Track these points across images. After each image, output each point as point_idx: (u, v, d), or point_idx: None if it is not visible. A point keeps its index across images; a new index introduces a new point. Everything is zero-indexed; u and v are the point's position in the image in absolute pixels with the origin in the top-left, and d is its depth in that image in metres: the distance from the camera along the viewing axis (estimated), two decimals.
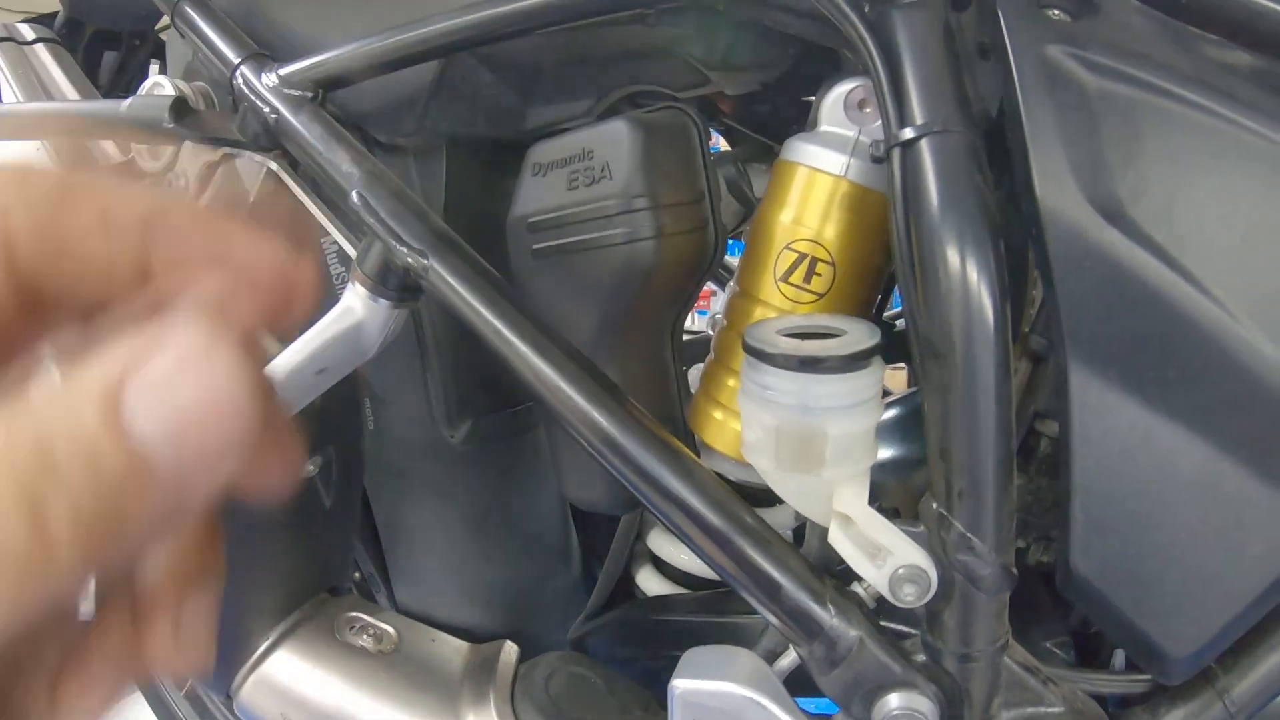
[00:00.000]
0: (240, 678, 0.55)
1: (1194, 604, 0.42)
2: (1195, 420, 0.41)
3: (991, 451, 0.40)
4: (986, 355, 0.39)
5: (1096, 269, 0.40)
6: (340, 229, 0.53)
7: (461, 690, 0.55)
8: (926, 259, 0.40)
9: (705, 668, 0.44)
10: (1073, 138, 0.40)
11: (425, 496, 0.60)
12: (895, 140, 0.41)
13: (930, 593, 0.42)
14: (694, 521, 0.43)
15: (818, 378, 0.41)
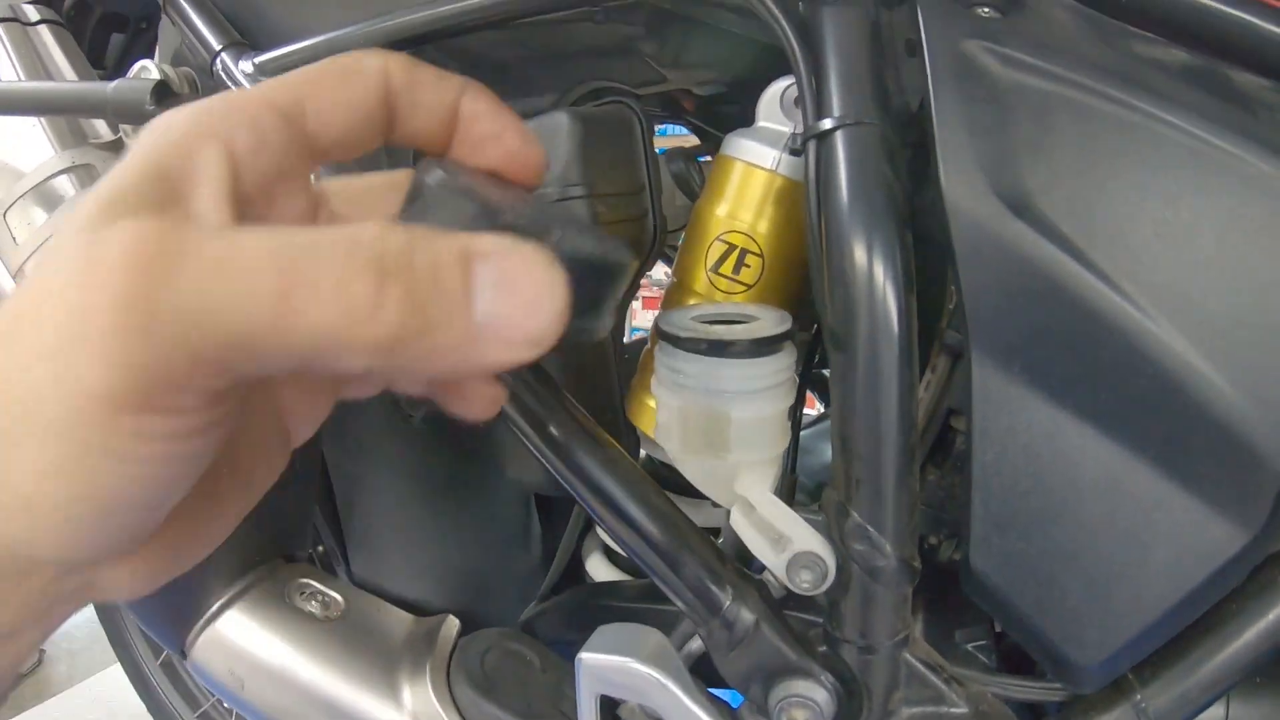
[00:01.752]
0: (193, 635, 0.58)
1: (1099, 610, 0.42)
2: (1101, 418, 0.40)
3: (892, 443, 0.40)
4: (889, 346, 0.40)
5: (1001, 261, 0.40)
6: None
7: (401, 659, 0.57)
8: (834, 249, 0.41)
9: (612, 643, 0.45)
10: (982, 130, 0.40)
11: (383, 473, 0.62)
12: (812, 132, 0.42)
13: (827, 580, 0.42)
14: (601, 499, 0.44)
15: (723, 361, 0.42)
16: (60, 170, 0.63)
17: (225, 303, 0.20)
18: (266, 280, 0.21)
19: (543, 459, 0.45)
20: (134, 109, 0.55)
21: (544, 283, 0.24)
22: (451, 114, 0.30)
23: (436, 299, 0.22)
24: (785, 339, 0.43)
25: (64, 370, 0.20)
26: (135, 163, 0.24)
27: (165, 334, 0.20)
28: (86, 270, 0.21)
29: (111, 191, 0.23)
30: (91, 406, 0.20)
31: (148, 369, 0.20)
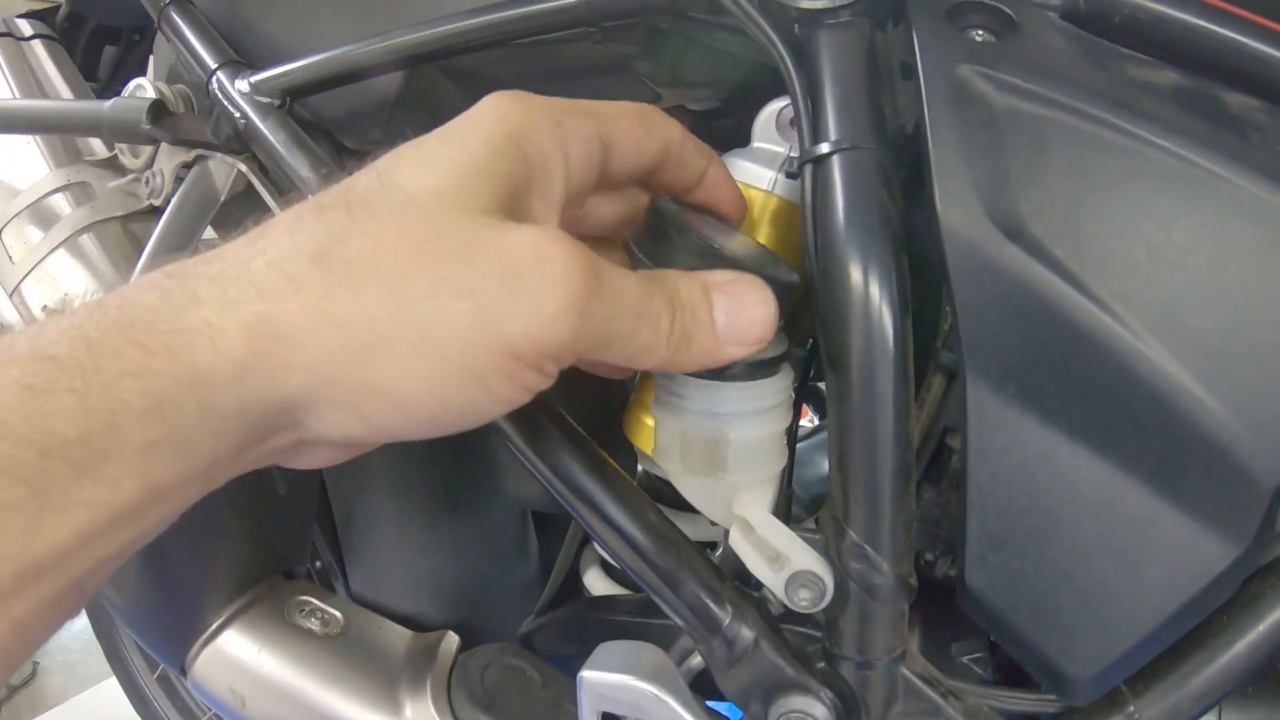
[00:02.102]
0: (194, 652, 0.58)
1: (1093, 625, 0.43)
2: (1095, 437, 0.41)
3: (888, 463, 0.41)
4: (885, 368, 0.40)
5: (995, 284, 0.41)
6: None
7: (401, 676, 0.57)
8: (830, 272, 0.41)
9: (614, 660, 0.45)
10: (976, 155, 0.41)
11: (381, 489, 0.62)
12: (808, 156, 0.42)
13: (825, 599, 0.43)
14: (599, 517, 0.44)
15: (722, 384, 0.42)
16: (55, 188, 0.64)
17: (611, 318, 0.30)
18: (633, 310, 0.31)
19: (541, 478, 0.46)
20: (129, 128, 0.55)
21: (760, 302, 0.35)
22: (702, 175, 0.40)
23: (693, 323, 0.33)
24: (783, 360, 0.43)
25: (484, 315, 0.27)
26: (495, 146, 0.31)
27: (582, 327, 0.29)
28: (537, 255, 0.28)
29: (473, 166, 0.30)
30: (497, 346, 0.27)
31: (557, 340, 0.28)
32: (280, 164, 0.54)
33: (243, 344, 0.27)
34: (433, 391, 0.28)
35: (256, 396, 0.27)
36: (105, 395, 0.26)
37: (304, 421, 0.29)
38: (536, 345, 0.28)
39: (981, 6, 0.44)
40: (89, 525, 0.26)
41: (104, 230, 0.60)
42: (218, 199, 0.57)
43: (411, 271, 0.28)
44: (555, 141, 0.33)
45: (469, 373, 0.28)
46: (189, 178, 0.57)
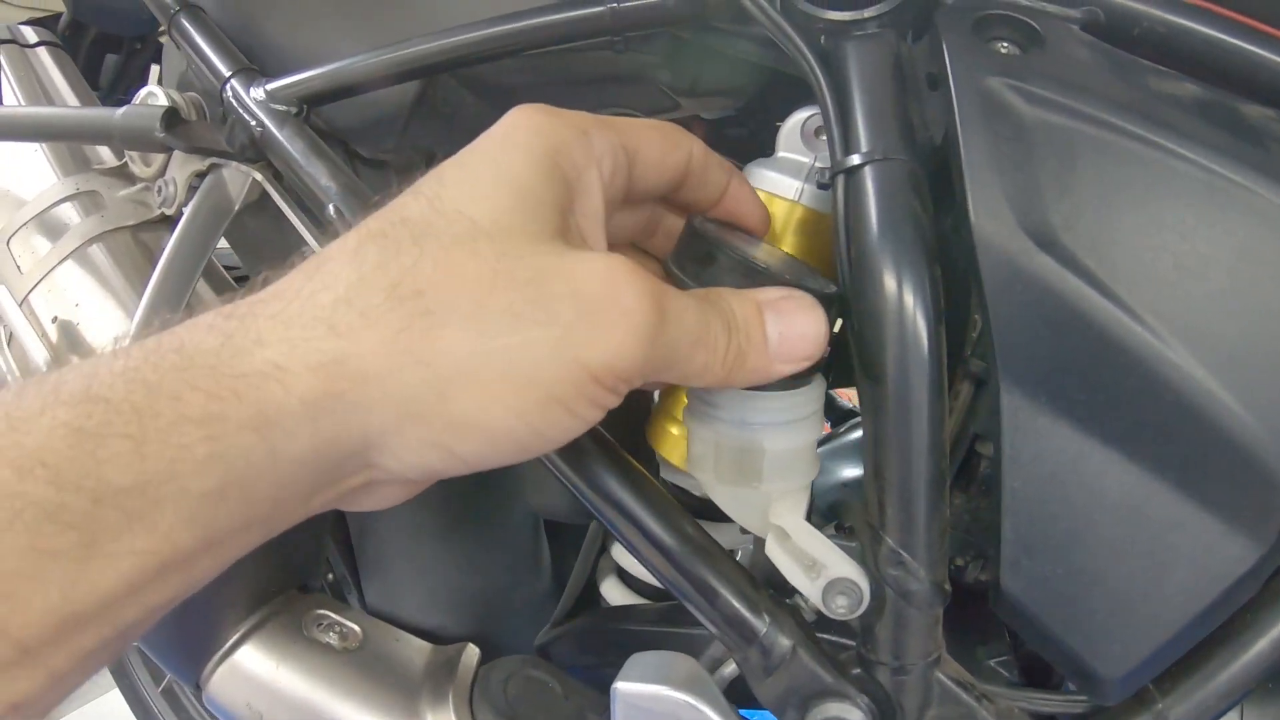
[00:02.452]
0: (210, 668, 0.57)
1: (1124, 625, 0.44)
2: (1124, 443, 0.42)
3: (923, 470, 0.42)
4: (919, 377, 0.41)
5: (1028, 294, 0.42)
6: (319, 239, 0.55)
7: (421, 689, 0.57)
8: (864, 283, 0.42)
9: (647, 671, 0.46)
10: (1008, 167, 0.42)
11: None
12: (840, 167, 0.43)
13: (863, 605, 0.43)
14: (635, 528, 0.45)
15: (756, 394, 0.43)
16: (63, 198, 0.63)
17: (675, 344, 0.31)
18: (693, 335, 0.32)
19: (573, 488, 0.46)
20: (142, 136, 0.55)
21: (811, 321, 0.36)
22: (724, 191, 0.41)
23: (748, 343, 0.34)
24: (814, 371, 0.44)
25: (565, 343, 0.28)
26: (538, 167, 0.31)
27: (651, 353, 0.30)
28: (608, 284, 0.29)
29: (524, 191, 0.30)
30: (578, 372, 0.28)
31: (631, 366, 0.29)
32: (298, 172, 0.53)
33: (315, 385, 0.26)
34: (522, 419, 0.28)
35: (330, 439, 0.27)
36: (163, 442, 0.25)
37: (379, 461, 0.29)
38: (614, 371, 0.29)
39: (1008, 19, 0.45)
40: (138, 574, 0.25)
41: (114, 240, 0.60)
42: (232, 208, 0.57)
43: (490, 303, 0.28)
44: (588, 156, 0.34)
45: (555, 399, 0.28)
46: (203, 187, 0.56)
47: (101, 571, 0.24)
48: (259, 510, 0.27)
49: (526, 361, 0.28)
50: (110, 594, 0.25)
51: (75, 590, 0.24)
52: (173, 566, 0.26)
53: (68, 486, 0.24)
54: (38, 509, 0.24)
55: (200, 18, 0.59)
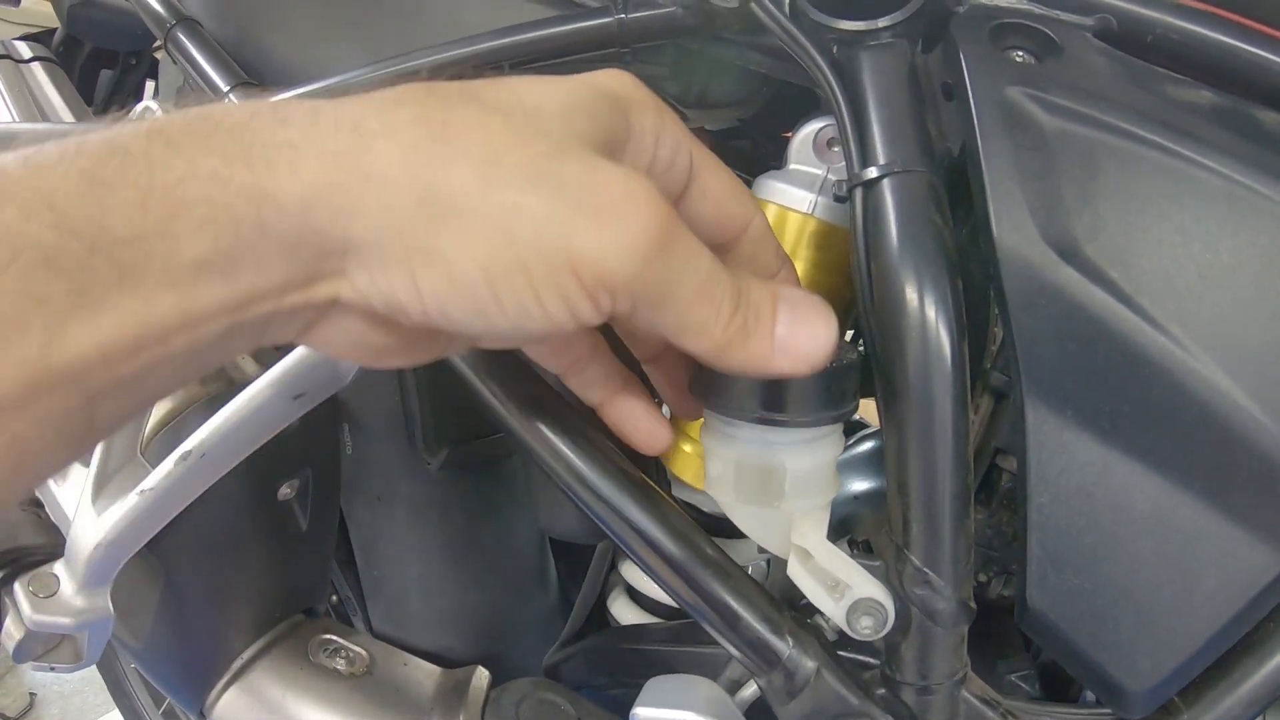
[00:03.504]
0: (214, 696, 0.56)
1: (1151, 638, 0.43)
2: (1150, 456, 0.41)
3: (948, 487, 0.41)
4: (943, 392, 0.40)
5: (1052, 306, 0.41)
6: None
7: (432, 714, 0.56)
8: (885, 297, 0.41)
9: (666, 696, 0.45)
10: (1030, 178, 0.41)
11: (402, 522, 0.61)
12: (857, 180, 0.42)
13: (887, 626, 0.42)
14: (656, 552, 0.44)
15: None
16: None
17: (676, 278, 0.30)
18: (698, 282, 0.31)
19: (589, 511, 0.45)
20: None
21: (823, 327, 0.34)
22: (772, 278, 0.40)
23: (755, 323, 0.33)
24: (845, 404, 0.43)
25: (559, 223, 0.27)
26: (604, 97, 0.32)
27: (644, 272, 0.28)
28: (627, 191, 0.28)
29: (581, 105, 0.31)
30: (559, 257, 0.27)
31: (617, 274, 0.28)
32: None
33: (319, 171, 0.27)
34: (486, 275, 0.28)
35: (317, 230, 0.27)
36: (168, 198, 0.25)
37: (351, 273, 0.28)
38: (597, 270, 0.28)
39: (1023, 28, 0.44)
40: (116, 337, 0.25)
41: None
42: None
43: (508, 159, 0.28)
44: (655, 124, 0.34)
45: (525, 272, 0.28)
46: None
47: (82, 326, 0.25)
48: (235, 294, 0.27)
49: (514, 222, 0.27)
50: (86, 355, 0.25)
51: (54, 345, 0.24)
52: (148, 339, 0.26)
53: (69, 232, 0.24)
54: (37, 252, 0.24)
55: (197, 31, 0.58)
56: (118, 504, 0.51)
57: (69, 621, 0.53)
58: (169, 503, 0.51)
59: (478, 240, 0.27)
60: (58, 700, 1.55)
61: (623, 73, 0.34)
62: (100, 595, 0.53)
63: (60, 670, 0.56)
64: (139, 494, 0.51)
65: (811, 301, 0.35)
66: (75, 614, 0.53)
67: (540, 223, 0.27)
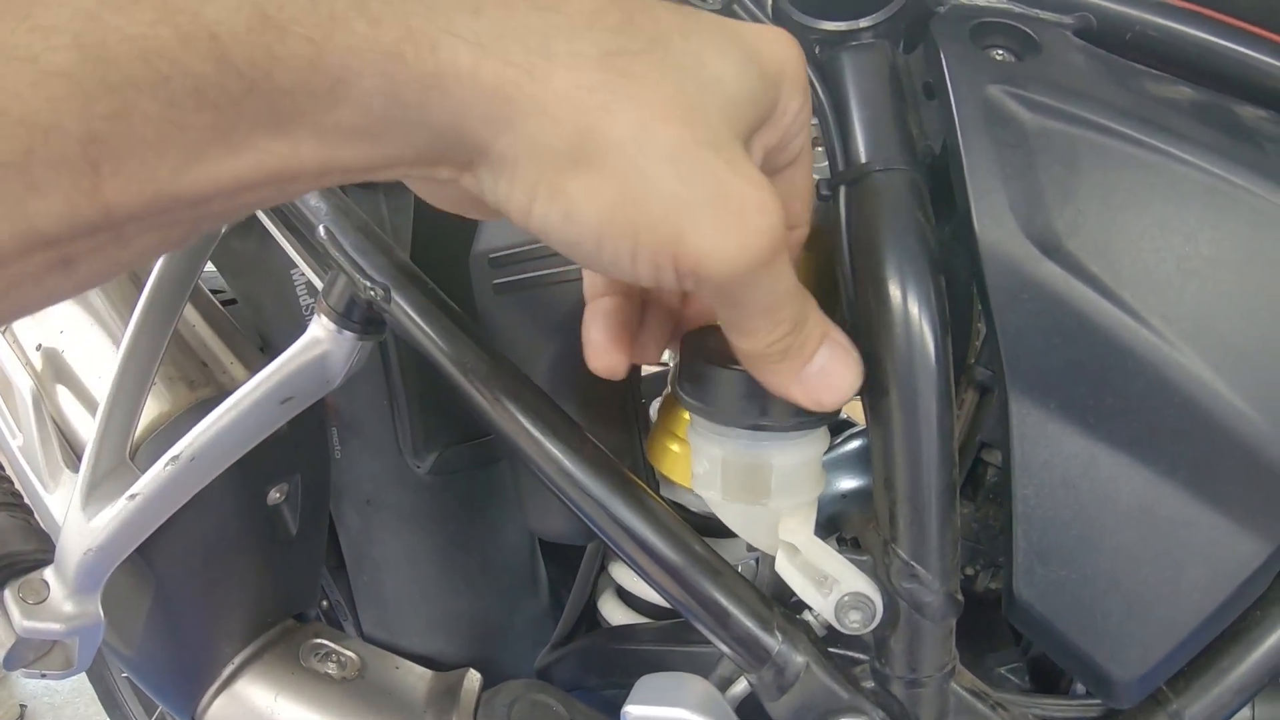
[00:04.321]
0: (205, 702, 0.56)
1: (1138, 628, 0.43)
2: (1134, 447, 0.42)
3: (934, 482, 0.41)
4: (927, 388, 0.40)
5: (1034, 301, 0.41)
6: (308, 261, 0.54)
7: (424, 718, 0.55)
8: (869, 293, 0.41)
9: (657, 694, 0.45)
10: (1011, 174, 0.42)
11: (391, 526, 0.61)
12: (841, 179, 0.42)
13: (876, 619, 0.42)
14: (644, 551, 0.44)
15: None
16: None
17: (757, 289, 0.31)
18: (772, 300, 0.32)
19: (578, 511, 0.45)
20: None
21: (849, 380, 0.36)
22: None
23: (795, 350, 0.34)
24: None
25: (685, 209, 0.28)
26: (770, 82, 0.32)
27: (735, 278, 0.29)
28: (758, 202, 0.29)
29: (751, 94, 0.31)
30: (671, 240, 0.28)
31: (714, 273, 0.29)
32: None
33: (496, 80, 0.26)
34: (599, 226, 0.28)
35: (470, 128, 0.27)
36: (343, 61, 0.24)
37: (478, 170, 0.29)
38: (700, 261, 0.29)
39: (1003, 27, 0.45)
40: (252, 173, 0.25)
41: None
42: (218, 231, 0.55)
43: (665, 131, 0.28)
44: (798, 109, 0.34)
45: (635, 236, 0.28)
46: None
47: (220, 160, 0.24)
48: (377, 158, 0.27)
49: (646, 192, 0.28)
50: (218, 187, 0.24)
51: (186, 171, 0.24)
52: (281, 178, 0.26)
53: (230, 68, 0.23)
54: (188, 80, 0.23)
55: None
56: (107, 509, 0.51)
57: (59, 627, 0.53)
58: (158, 507, 0.51)
59: (607, 194, 0.28)
60: (49, 711, 1.54)
61: (792, 42, 0.34)
62: (90, 601, 0.53)
63: (52, 677, 0.56)
64: (128, 499, 0.51)
65: (850, 353, 0.37)
66: (66, 620, 0.53)
67: (668, 200, 0.28)
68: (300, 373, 0.50)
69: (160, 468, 0.50)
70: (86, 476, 0.52)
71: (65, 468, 0.56)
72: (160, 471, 0.50)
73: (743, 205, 0.29)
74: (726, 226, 0.29)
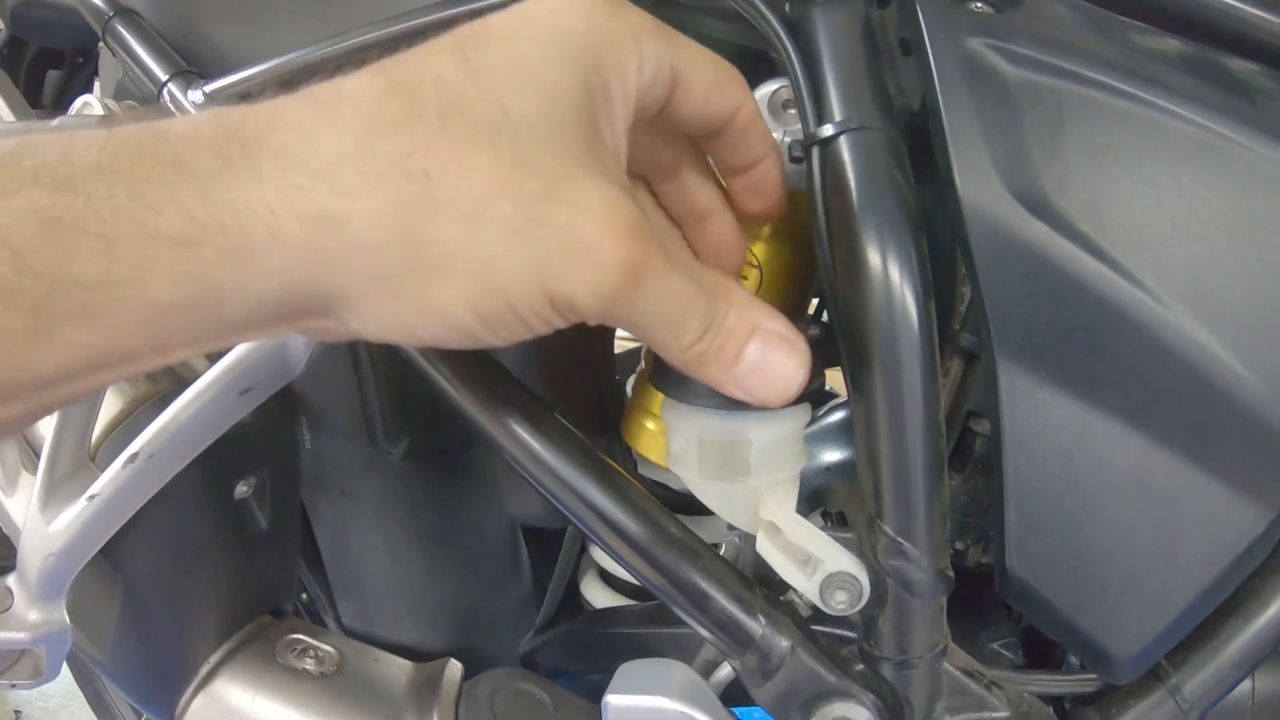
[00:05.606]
0: (183, 704, 0.52)
1: (1136, 601, 0.40)
2: (1129, 413, 0.38)
3: (919, 454, 0.38)
4: (911, 355, 0.37)
5: (1021, 262, 0.38)
6: None
7: (405, 710, 0.52)
8: (846, 258, 0.37)
9: (638, 682, 0.41)
10: (994, 131, 0.38)
11: (367, 515, 0.57)
12: (814, 139, 0.38)
13: (863, 599, 0.39)
14: (617, 533, 0.40)
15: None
16: None
17: (642, 313, 0.29)
18: (665, 317, 0.30)
19: (551, 496, 0.41)
20: None
21: (791, 373, 0.33)
22: (755, 164, 0.37)
23: (718, 352, 0.32)
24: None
25: (542, 268, 0.27)
26: (582, 66, 0.29)
27: (610, 309, 0.28)
28: (601, 230, 0.27)
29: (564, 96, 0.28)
30: (540, 295, 0.27)
31: (587, 311, 0.28)
32: None
33: (302, 236, 0.25)
34: (481, 318, 0.28)
35: (303, 287, 0.26)
36: (137, 252, 0.24)
37: (343, 316, 0.28)
38: (571, 306, 0.28)
39: None
40: (81, 364, 0.24)
41: None
42: None
43: (492, 209, 0.26)
44: (632, 62, 0.31)
45: (514, 309, 0.28)
46: None
47: (43, 357, 0.24)
48: (216, 328, 0.26)
49: (502, 273, 0.27)
50: (48, 378, 0.24)
51: (12, 369, 0.23)
52: (116, 360, 0.25)
53: (28, 271, 0.23)
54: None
55: (135, 22, 0.54)
56: (66, 512, 0.47)
57: (24, 636, 0.49)
58: (119, 508, 0.47)
59: (467, 290, 0.27)
60: (44, 716, 1.50)
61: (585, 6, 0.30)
62: (55, 608, 0.49)
63: (21, 687, 0.52)
64: (87, 500, 0.47)
65: (790, 343, 0.33)
66: (31, 628, 0.49)
67: (527, 270, 0.27)
68: (260, 362, 0.46)
69: (118, 467, 0.46)
70: (44, 479, 0.48)
71: (24, 470, 0.52)
72: (119, 471, 0.46)
73: (588, 245, 0.27)
74: (580, 270, 0.27)
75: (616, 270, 0.28)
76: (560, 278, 0.27)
